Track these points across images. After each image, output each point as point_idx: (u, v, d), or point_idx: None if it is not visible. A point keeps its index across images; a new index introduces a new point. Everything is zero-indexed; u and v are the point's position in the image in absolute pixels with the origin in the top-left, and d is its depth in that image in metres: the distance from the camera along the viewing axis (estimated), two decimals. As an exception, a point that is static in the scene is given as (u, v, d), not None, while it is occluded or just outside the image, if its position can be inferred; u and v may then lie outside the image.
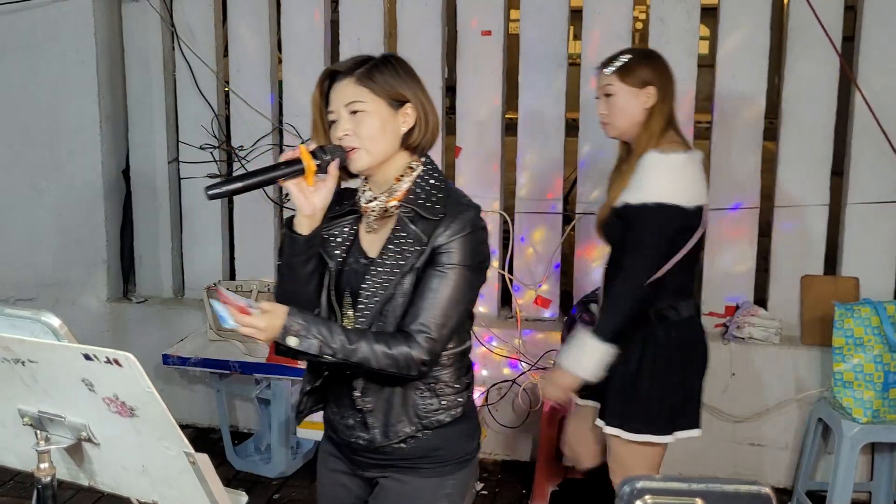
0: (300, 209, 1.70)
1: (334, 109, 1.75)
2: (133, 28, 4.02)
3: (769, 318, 3.53)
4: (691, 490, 0.73)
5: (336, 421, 1.88)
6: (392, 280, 1.72)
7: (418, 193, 1.76)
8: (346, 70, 1.75)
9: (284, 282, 1.77)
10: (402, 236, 1.73)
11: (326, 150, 1.69)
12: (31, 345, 1.28)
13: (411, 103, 1.77)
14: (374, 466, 1.87)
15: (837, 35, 3.35)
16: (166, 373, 3.95)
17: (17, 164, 4.14)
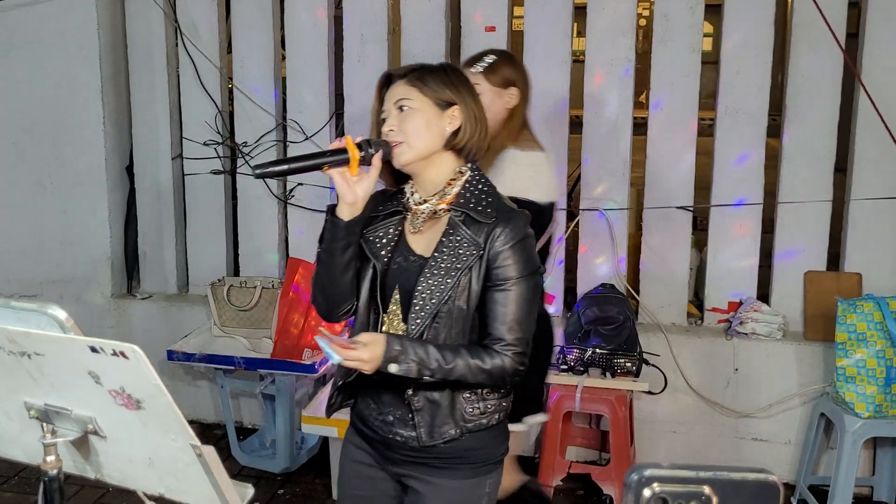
0: (342, 197, 1.75)
1: (385, 108, 1.83)
2: (137, 24, 4.02)
3: (772, 314, 3.54)
4: (699, 478, 0.73)
5: (371, 416, 1.90)
6: (449, 281, 1.77)
7: (468, 198, 1.81)
8: (401, 73, 1.84)
9: (323, 269, 1.83)
10: (456, 238, 1.79)
11: (372, 142, 1.77)
12: (37, 337, 1.29)
13: (458, 106, 1.82)
14: (407, 464, 1.89)
15: (841, 31, 3.34)
16: (171, 369, 3.97)
17: (21, 160, 4.15)
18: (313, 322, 3.58)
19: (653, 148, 3.63)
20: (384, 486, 1.97)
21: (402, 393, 1.83)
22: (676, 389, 3.57)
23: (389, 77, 1.86)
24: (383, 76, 1.88)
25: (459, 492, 1.87)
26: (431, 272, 1.78)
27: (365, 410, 1.92)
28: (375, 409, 1.89)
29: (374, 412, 1.89)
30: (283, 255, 4.08)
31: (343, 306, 1.88)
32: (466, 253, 1.77)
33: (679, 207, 3.62)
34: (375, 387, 1.87)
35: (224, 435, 3.88)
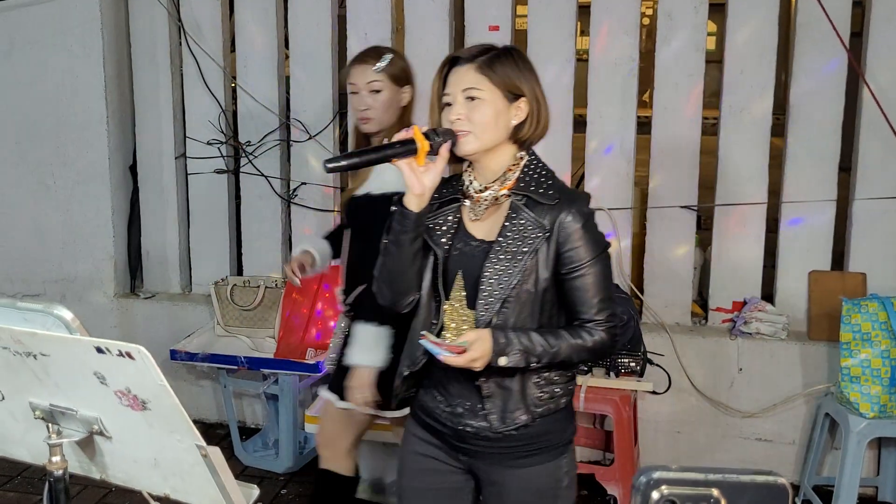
0: (411, 188, 1.75)
1: (450, 93, 1.81)
2: (140, 23, 4.02)
3: (776, 314, 3.53)
4: (707, 480, 0.73)
5: (438, 409, 1.91)
6: (516, 265, 1.77)
7: (528, 182, 1.82)
8: (468, 57, 1.81)
9: (391, 261, 1.82)
10: (519, 222, 1.79)
11: (438, 132, 1.77)
12: (42, 338, 1.28)
13: (526, 98, 1.81)
14: (481, 455, 1.89)
15: (845, 30, 3.33)
16: (174, 368, 3.96)
17: (24, 159, 4.15)
18: (316, 321, 3.57)
19: (657, 147, 3.63)
20: (452, 479, 1.97)
21: (470, 382, 1.83)
22: (680, 389, 3.57)
23: (455, 59, 1.83)
24: (448, 58, 1.86)
25: (539, 476, 1.88)
26: (497, 257, 1.78)
27: (430, 403, 1.92)
28: (443, 400, 1.89)
29: (442, 404, 1.89)
30: (286, 255, 4.08)
31: (409, 296, 1.88)
32: (532, 236, 1.78)
33: (683, 207, 3.61)
34: (441, 378, 1.88)
35: (227, 434, 3.88)
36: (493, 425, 1.83)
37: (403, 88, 2.58)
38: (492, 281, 1.78)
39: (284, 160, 4.02)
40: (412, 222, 1.77)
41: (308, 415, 3.36)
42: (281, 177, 4.00)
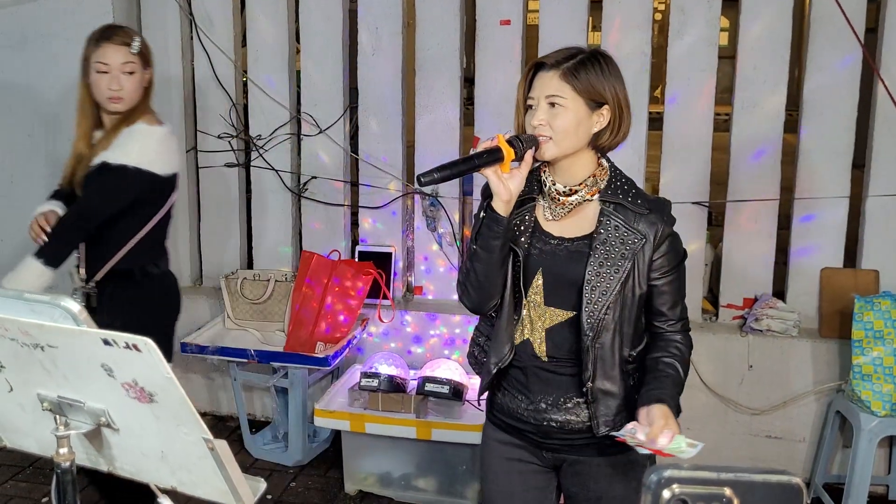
0: (498, 194, 1.78)
1: (535, 97, 1.84)
2: (151, 17, 4.03)
3: (788, 311, 3.51)
4: (720, 479, 0.72)
5: (520, 408, 1.95)
6: (618, 269, 1.83)
7: (615, 188, 1.88)
8: (553, 63, 1.83)
9: (480, 266, 1.85)
10: (613, 226, 1.85)
11: (522, 138, 1.80)
12: (50, 330, 1.29)
13: (609, 106, 1.84)
14: (567, 447, 1.94)
15: (860, 26, 3.30)
16: (184, 361, 3.97)
17: (36, 153, 4.17)
18: (326, 315, 3.58)
19: (668, 143, 3.61)
20: (538, 479, 2.01)
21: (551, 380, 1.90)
22: (690, 386, 3.51)
23: (541, 64, 1.86)
24: (533, 63, 1.87)
25: (630, 460, 1.92)
26: (598, 261, 1.84)
27: (511, 403, 1.97)
28: (524, 398, 1.94)
29: (524, 403, 1.94)
30: (296, 249, 4.09)
31: (495, 300, 1.91)
32: (631, 240, 1.83)
33: (694, 203, 3.59)
34: (519, 377, 1.94)
35: (237, 427, 3.89)
36: (599, 430, 1.88)
37: (147, 70, 2.71)
38: (596, 285, 1.83)
39: (295, 154, 4.02)
40: (503, 228, 1.80)
41: (317, 408, 3.37)
42: (291, 171, 4.01)
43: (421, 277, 3.95)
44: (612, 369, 1.87)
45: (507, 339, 1.91)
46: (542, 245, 1.89)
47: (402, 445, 3.37)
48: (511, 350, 1.92)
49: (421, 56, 3.77)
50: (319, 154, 3.94)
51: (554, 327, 1.88)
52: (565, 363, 1.89)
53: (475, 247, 1.85)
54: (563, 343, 1.88)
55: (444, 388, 3.30)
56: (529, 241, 1.90)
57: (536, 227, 1.91)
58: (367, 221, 3.96)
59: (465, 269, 1.90)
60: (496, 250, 1.82)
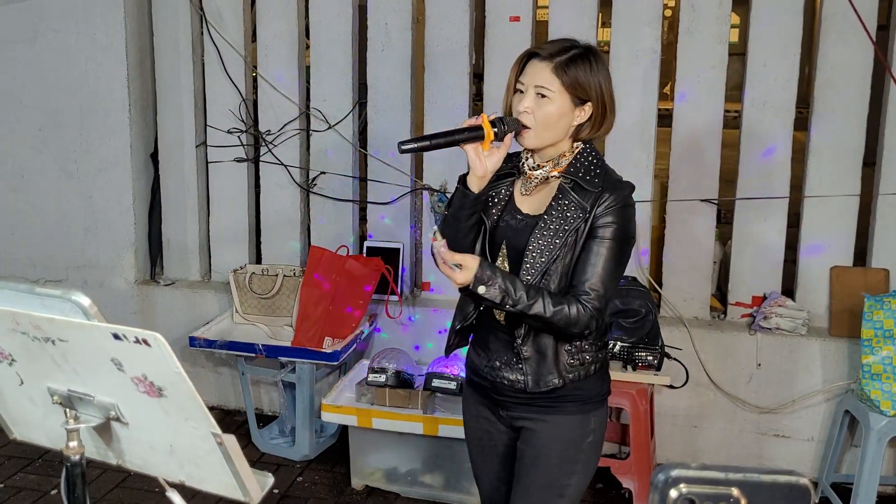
0: (474, 170, 1.90)
1: (525, 83, 1.93)
2: (162, 12, 4.04)
3: (797, 309, 3.50)
4: (728, 479, 0.72)
5: (481, 365, 2.08)
6: (557, 241, 1.91)
7: (578, 167, 1.95)
8: (546, 55, 1.91)
9: (448, 230, 1.97)
10: (565, 202, 1.93)
11: (505, 121, 1.89)
12: (61, 324, 1.29)
13: (592, 103, 1.93)
14: (517, 405, 2.05)
15: (872, 23, 3.28)
16: (192, 355, 3.99)
17: (47, 146, 4.19)
18: (334, 310, 3.58)
19: (678, 140, 3.60)
20: (500, 437, 2.13)
21: (509, 341, 2.01)
22: (698, 384, 3.55)
23: (535, 53, 1.94)
24: (526, 53, 1.96)
25: (568, 427, 2.02)
26: (541, 233, 1.93)
27: (476, 360, 2.11)
28: (484, 356, 2.07)
29: (484, 360, 2.07)
30: (304, 244, 4.09)
31: None
32: (574, 216, 1.91)
33: (703, 200, 3.58)
34: (483, 335, 2.08)
35: (245, 421, 3.91)
36: (529, 385, 1.99)
37: None
38: (535, 254, 1.93)
39: (304, 149, 4.03)
40: (471, 201, 1.92)
41: (324, 403, 3.37)
42: (300, 166, 4.01)
43: (429, 273, 3.95)
44: (539, 333, 1.96)
45: (471, 304, 2.04)
46: (509, 219, 2.00)
47: (409, 441, 3.38)
48: (474, 311, 2.05)
49: (430, 52, 3.77)
50: (328, 149, 3.95)
51: None
52: (517, 326, 1.99)
53: (446, 212, 1.97)
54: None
55: (452, 383, 3.30)
56: (500, 213, 2.00)
57: (510, 201, 2.02)
58: (375, 217, 3.96)
59: (436, 231, 2.00)
60: (463, 220, 1.94)
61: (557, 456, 2.03)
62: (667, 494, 0.72)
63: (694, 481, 0.71)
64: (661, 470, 0.74)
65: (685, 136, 3.58)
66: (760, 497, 0.70)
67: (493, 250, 2.01)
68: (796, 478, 0.71)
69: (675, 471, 0.71)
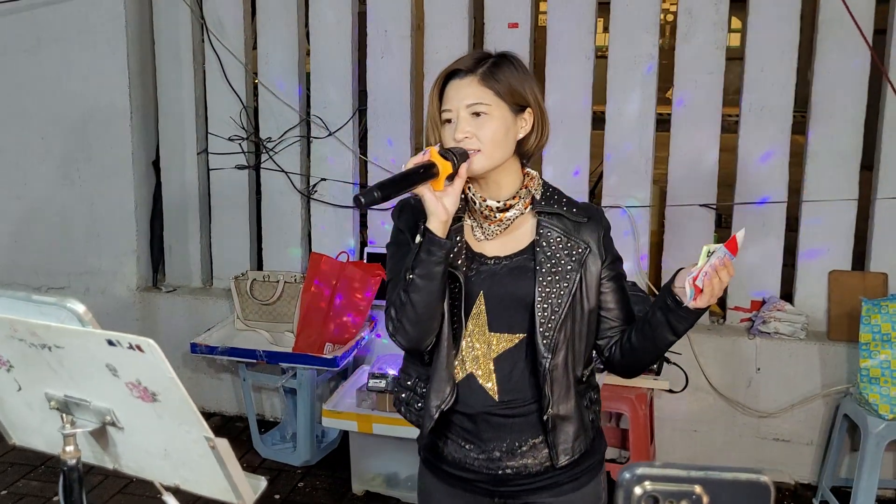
0: (436, 215, 1.62)
1: (452, 108, 1.68)
2: (163, 20, 4.07)
3: (796, 313, 3.50)
4: (690, 477, 0.73)
5: (468, 457, 1.77)
6: (566, 284, 1.70)
7: (548, 198, 1.77)
8: (467, 68, 1.69)
9: (421, 298, 1.65)
10: (553, 238, 1.73)
11: (453, 152, 1.64)
12: (56, 330, 1.31)
13: (531, 109, 1.72)
14: (525, 492, 1.78)
15: (869, 28, 3.30)
16: (194, 361, 4.01)
17: (49, 154, 4.22)
18: (334, 316, 3.60)
19: (676, 145, 3.61)
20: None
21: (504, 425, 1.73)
22: (698, 388, 3.56)
23: (453, 72, 1.70)
24: (445, 72, 1.71)
25: (586, 497, 1.81)
26: (547, 276, 1.70)
27: (457, 453, 1.79)
28: (474, 448, 1.76)
29: (473, 452, 1.77)
30: (305, 250, 4.11)
31: (434, 334, 1.71)
32: (576, 250, 1.72)
33: (702, 205, 3.60)
34: (467, 425, 1.76)
35: (246, 427, 3.92)
36: (559, 461, 1.73)
37: None
38: (547, 303, 1.69)
39: (304, 156, 4.05)
40: (444, 251, 1.63)
41: (325, 409, 3.39)
42: (301, 173, 4.04)
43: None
44: (567, 392, 1.72)
45: (448, 377, 1.71)
46: (478, 266, 1.73)
47: (410, 446, 3.38)
48: (453, 389, 1.72)
49: (430, 59, 3.79)
50: (328, 156, 3.97)
51: (503, 355, 1.72)
52: (518, 403, 1.73)
53: (412, 276, 1.63)
54: (515, 372, 1.72)
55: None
56: (465, 264, 1.73)
57: (468, 249, 1.74)
58: (375, 223, 3.98)
59: (398, 303, 1.67)
60: (438, 277, 1.63)
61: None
62: (631, 491, 0.73)
63: (658, 479, 0.73)
64: (626, 468, 0.76)
65: (684, 141, 3.59)
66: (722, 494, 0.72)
67: (467, 305, 1.72)
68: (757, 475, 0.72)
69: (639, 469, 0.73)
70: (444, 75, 1.72)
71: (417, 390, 1.81)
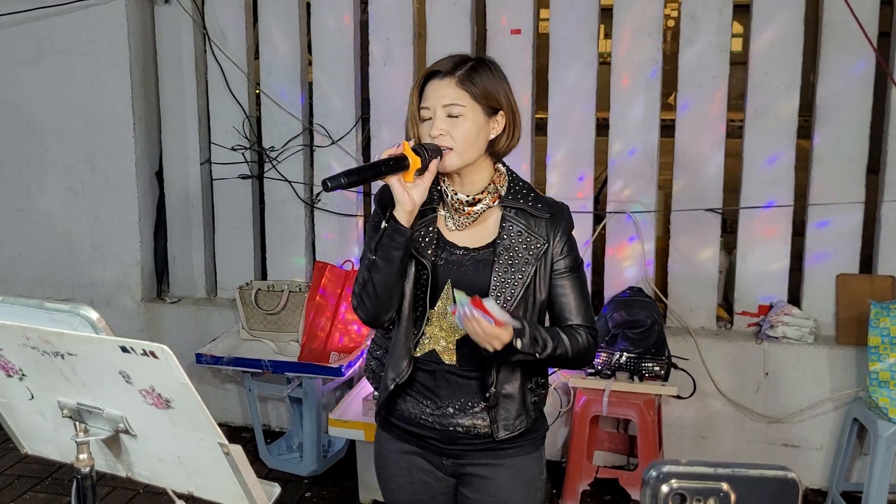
0: (402, 204, 1.74)
1: (430, 107, 1.80)
2: (165, 31, 4.07)
3: (803, 318, 3.49)
4: (717, 475, 0.72)
5: (423, 413, 1.91)
6: (521, 275, 1.82)
7: (514, 194, 1.88)
8: (446, 70, 1.80)
9: (379, 277, 1.79)
10: (515, 231, 1.85)
11: (426, 147, 1.75)
12: (69, 338, 1.30)
13: (503, 112, 1.84)
14: (471, 452, 1.91)
15: (873, 31, 3.30)
16: (199, 372, 4.00)
17: (53, 166, 4.22)
18: (340, 325, 3.59)
19: (681, 150, 3.61)
20: (438, 487, 1.98)
21: (466, 384, 1.87)
22: (706, 394, 3.54)
23: (433, 72, 1.82)
24: (426, 72, 1.83)
25: (529, 467, 1.94)
26: (503, 267, 1.83)
27: (413, 409, 1.92)
28: (430, 404, 1.90)
29: (429, 408, 1.90)
30: (309, 259, 4.10)
31: (392, 312, 1.86)
32: (534, 245, 1.84)
33: (708, 210, 3.59)
34: (427, 382, 1.90)
35: (252, 438, 3.90)
36: (498, 434, 1.87)
37: None
38: (503, 291, 1.82)
39: (307, 165, 4.05)
40: (405, 239, 1.75)
41: (332, 418, 3.37)
42: (304, 182, 4.03)
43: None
44: (512, 373, 1.86)
45: (406, 353, 1.87)
46: (447, 256, 1.87)
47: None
48: (409, 364, 1.87)
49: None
50: (332, 165, 3.96)
51: (465, 337, 1.81)
52: (475, 368, 1.87)
53: (374, 257, 1.78)
54: (474, 352, 1.81)
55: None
56: (435, 252, 1.86)
57: (440, 237, 1.88)
58: (380, 231, 3.96)
59: (361, 280, 1.83)
60: (397, 261, 1.77)
61: (523, 499, 1.93)
62: (658, 490, 0.72)
63: (684, 476, 0.72)
64: (652, 466, 0.75)
65: (688, 146, 3.59)
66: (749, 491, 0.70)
67: (434, 292, 1.86)
68: (784, 472, 0.71)
69: (665, 466, 0.72)
70: (425, 75, 1.83)
71: (384, 361, 1.97)
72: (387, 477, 2.02)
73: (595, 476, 3.41)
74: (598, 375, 3.33)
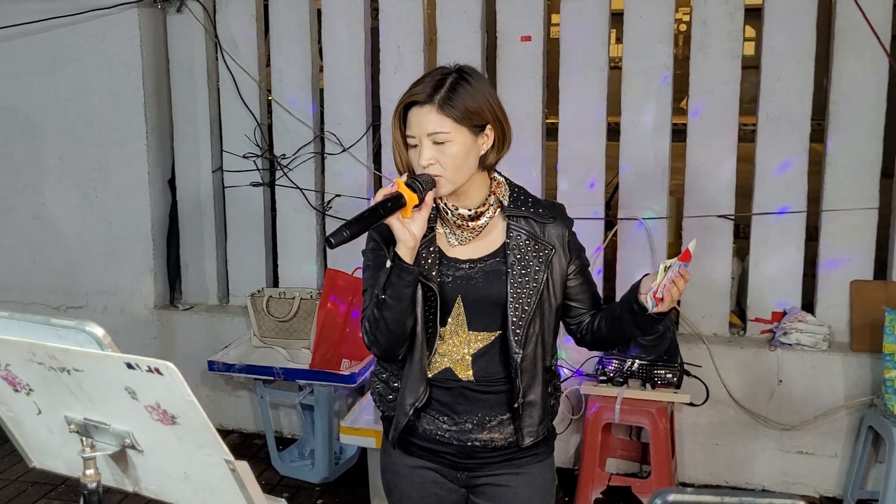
0: (404, 241, 1.72)
1: (415, 135, 1.76)
2: (178, 40, 4.09)
3: (817, 324, 3.46)
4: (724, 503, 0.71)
5: (440, 429, 1.90)
6: (534, 284, 1.83)
7: (515, 201, 1.88)
8: (425, 98, 1.75)
9: (391, 315, 1.77)
10: (521, 239, 1.85)
11: (420, 180, 1.73)
12: (75, 354, 1.31)
13: (490, 125, 1.80)
14: (488, 465, 1.92)
15: (886, 34, 3.27)
16: (212, 379, 4.01)
17: (66, 174, 4.24)
18: (350, 332, 3.59)
19: (692, 155, 3.59)
20: (450, 497, 1.98)
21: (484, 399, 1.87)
22: (719, 401, 3.52)
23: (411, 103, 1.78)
24: (403, 102, 1.79)
25: (540, 474, 1.95)
26: (517, 279, 1.83)
27: (429, 426, 1.90)
28: (448, 420, 1.89)
29: (446, 424, 1.89)
30: (321, 266, 4.11)
31: (405, 344, 1.84)
32: (542, 252, 1.85)
33: (720, 216, 3.56)
34: (445, 400, 1.88)
35: (264, 445, 3.91)
36: (523, 442, 1.88)
37: None
38: (518, 303, 1.82)
39: (319, 173, 4.05)
40: (413, 276, 1.75)
41: (343, 426, 3.37)
42: (315, 189, 4.04)
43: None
44: (534, 380, 1.87)
45: (422, 376, 1.85)
46: (453, 272, 1.84)
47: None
48: (427, 387, 1.85)
49: (443, 73, 3.78)
50: (343, 172, 3.97)
51: (480, 350, 1.85)
52: (494, 382, 1.86)
53: (384, 297, 1.76)
54: (491, 364, 1.84)
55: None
56: (439, 271, 1.84)
57: (442, 256, 1.86)
58: (391, 238, 3.96)
59: (372, 319, 1.80)
60: (407, 298, 1.76)
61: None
62: (665, 520, 0.71)
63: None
64: (658, 494, 0.74)
65: (700, 151, 3.57)
66: (760, 523, 0.69)
67: (444, 310, 1.84)
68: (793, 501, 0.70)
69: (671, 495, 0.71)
70: (405, 104, 1.78)
71: (390, 383, 1.95)
72: (399, 492, 2.00)
73: (608, 484, 3.40)
74: (611, 382, 3.32)
